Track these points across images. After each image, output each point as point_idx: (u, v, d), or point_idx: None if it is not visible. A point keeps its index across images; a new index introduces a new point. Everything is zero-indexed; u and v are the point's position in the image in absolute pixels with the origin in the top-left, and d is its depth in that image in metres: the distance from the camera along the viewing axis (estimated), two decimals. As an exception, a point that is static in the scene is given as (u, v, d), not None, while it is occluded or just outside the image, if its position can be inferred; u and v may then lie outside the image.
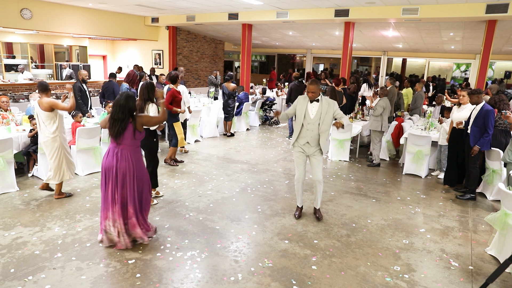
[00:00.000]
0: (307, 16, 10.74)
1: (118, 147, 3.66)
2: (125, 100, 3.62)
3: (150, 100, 4.77)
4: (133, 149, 3.72)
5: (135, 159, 3.72)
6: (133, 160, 3.70)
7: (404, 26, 11.77)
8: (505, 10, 8.37)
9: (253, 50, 20.17)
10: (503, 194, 3.69)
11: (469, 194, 5.56)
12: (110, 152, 3.69)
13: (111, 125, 3.62)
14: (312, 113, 4.38)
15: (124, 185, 3.67)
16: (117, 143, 3.65)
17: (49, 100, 4.70)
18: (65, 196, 5.04)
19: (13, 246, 3.72)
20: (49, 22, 11.14)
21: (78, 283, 3.16)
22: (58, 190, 5.00)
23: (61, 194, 5.04)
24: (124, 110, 3.60)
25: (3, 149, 5.00)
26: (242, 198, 5.26)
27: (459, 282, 3.43)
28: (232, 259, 3.65)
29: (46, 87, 4.76)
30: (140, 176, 3.77)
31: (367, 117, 8.76)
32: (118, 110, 3.60)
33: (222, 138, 9.18)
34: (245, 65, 12.95)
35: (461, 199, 5.56)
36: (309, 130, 4.39)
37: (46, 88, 4.75)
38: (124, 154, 3.65)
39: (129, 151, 3.68)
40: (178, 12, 12.48)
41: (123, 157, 3.64)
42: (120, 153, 3.65)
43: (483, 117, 5.25)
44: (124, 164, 3.64)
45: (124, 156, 3.65)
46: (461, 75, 19.45)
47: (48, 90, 4.77)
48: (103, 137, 6.35)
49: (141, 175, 3.79)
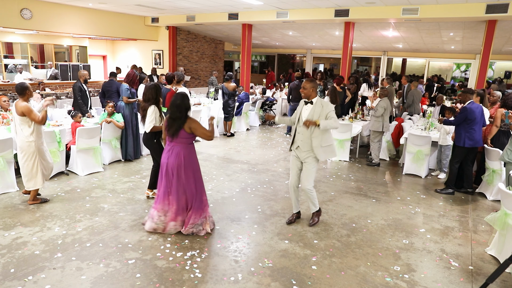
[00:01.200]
0: (307, 16, 10.75)
1: (170, 144, 3.93)
2: (182, 100, 3.82)
3: (156, 101, 4.75)
4: (185, 146, 3.92)
5: (187, 156, 3.92)
6: (186, 156, 3.90)
7: (404, 26, 11.77)
8: (505, 10, 8.37)
9: (253, 50, 20.17)
10: (503, 194, 3.69)
11: (448, 189, 5.75)
12: (165, 149, 3.99)
13: (169, 125, 3.85)
14: (304, 116, 4.18)
15: (179, 180, 3.90)
16: (170, 140, 3.92)
17: (23, 105, 4.38)
18: (40, 202, 4.77)
19: (13, 246, 3.72)
20: (49, 22, 11.14)
21: (78, 283, 3.16)
22: (33, 196, 4.74)
23: (36, 200, 4.77)
24: (181, 110, 3.82)
25: (3, 149, 5.00)
26: (242, 198, 5.26)
27: (459, 282, 3.43)
28: (232, 259, 3.65)
29: (23, 89, 4.44)
30: (193, 171, 3.98)
31: (367, 117, 8.76)
32: (175, 110, 3.81)
33: (222, 138, 9.18)
34: (245, 65, 12.95)
35: (440, 192, 5.73)
36: (300, 134, 4.19)
37: (22, 90, 4.43)
38: (175, 150, 3.88)
39: (181, 147, 3.89)
40: (178, 12, 12.48)
41: (175, 153, 3.88)
42: (172, 150, 3.90)
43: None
44: (173, 160, 3.87)
45: (176, 152, 3.88)
46: (461, 75, 19.45)
47: (25, 93, 4.44)
48: (103, 137, 6.35)
49: (194, 170, 4.00)
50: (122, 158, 6.81)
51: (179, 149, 3.88)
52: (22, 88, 4.47)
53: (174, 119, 3.83)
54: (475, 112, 5.35)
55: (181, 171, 3.90)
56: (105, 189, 5.41)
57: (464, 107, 5.41)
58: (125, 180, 5.84)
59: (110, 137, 6.50)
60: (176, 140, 3.88)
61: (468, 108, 5.35)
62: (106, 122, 6.33)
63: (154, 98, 4.74)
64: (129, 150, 6.78)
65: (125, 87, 6.54)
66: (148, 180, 5.83)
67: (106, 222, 4.35)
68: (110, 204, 4.86)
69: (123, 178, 5.93)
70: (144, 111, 4.76)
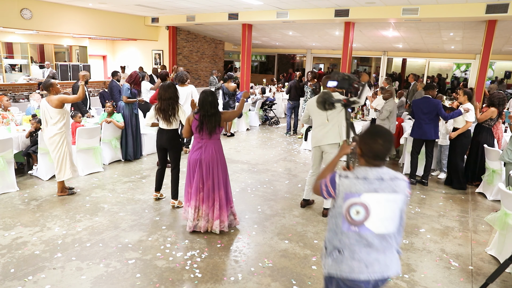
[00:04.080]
0: (307, 16, 10.74)
1: (202, 141, 3.97)
2: (212, 96, 3.90)
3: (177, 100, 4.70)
4: (215, 142, 4.01)
5: (218, 150, 4.02)
6: (217, 151, 4.00)
7: (404, 26, 11.77)
8: (505, 10, 8.37)
9: (253, 50, 20.15)
10: (503, 194, 3.69)
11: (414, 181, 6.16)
12: (195, 146, 4.01)
13: (207, 122, 3.87)
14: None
15: (212, 175, 3.97)
16: (201, 138, 3.96)
17: (58, 97, 4.78)
18: (68, 194, 5.09)
19: (13, 246, 3.72)
20: (49, 22, 11.14)
21: (78, 283, 3.16)
22: (61, 188, 5.06)
23: (64, 191, 5.09)
24: (215, 105, 3.90)
25: (3, 149, 5.00)
26: (242, 198, 5.26)
27: (459, 282, 3.43)
28: (232, 259, 3.65)
29: (48, 86, 4.84)
30: (224, 166, 4.09)
31: (367, 117, 8.76)
32: (209, 107, 3.87)
33: (222, 138, 9.14)
34: (245, 65, 12.94)
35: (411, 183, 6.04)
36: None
37: (47, 87, 4.82)
38: (210, 146, 3.95)
39: (212, 143, 3.97)
40: (178, 12, 12.48)
41: (208, 149, 3.95)
42: (206, 146, 3.95)
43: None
44: (208, 156, 3.93)
45: (209, 148, 3.95)
46: (461, 75, 19.45)
47: (50, 89, 4.82)
48: (103, 137, 6.35)
49: (224, 165, 4.11)
50: (122, 158, 6.81)
51: (213, 145, 3.97)
52: (47, 84, 4.85)
53: (210, 115, 3.87)
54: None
55: (218, 166, 3.99)
56: (105, 189, 5.41)
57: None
58: (125, 180, 5.84)
59: (110, 137, 6.50)
60: (213, 136, 3.96)
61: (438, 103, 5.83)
62: (106, 122, 6.33)
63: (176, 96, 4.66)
64: (129, 150, 6.78)
65: (126, 86, 6.53)
66: (148, 180, 5.84)
67: (106, 222, 4.35)
68: (110, 204, 4.86)
69: (123, 178, 5.93)
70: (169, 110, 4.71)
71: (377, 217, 1.95)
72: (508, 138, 6.47)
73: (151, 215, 4.59)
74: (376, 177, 1.96)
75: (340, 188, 1.99)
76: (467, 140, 5.91)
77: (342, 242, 2.01)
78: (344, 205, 1.97)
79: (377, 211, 1.94)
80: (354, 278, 1.98)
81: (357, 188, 1.95)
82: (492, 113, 5.73)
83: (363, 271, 1.97)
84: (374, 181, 1.95)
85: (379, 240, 1.97)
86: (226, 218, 4.10)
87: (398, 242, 2.09)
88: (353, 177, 1.98)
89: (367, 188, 1.94)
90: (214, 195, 4.02)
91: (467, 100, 5.82)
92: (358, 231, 1.97)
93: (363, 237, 1.97)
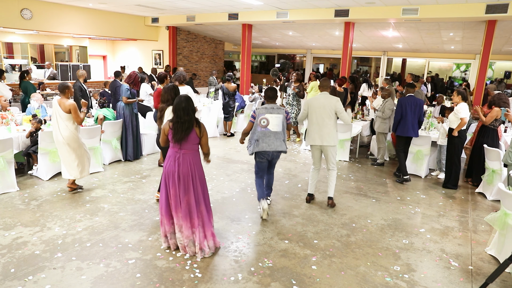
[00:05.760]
0: (307, 16, 10.75)
1: (179, 151, 3.58)
2: (187, 102, 3.54)
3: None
4: (195, 153, 3.65)
5: (198, 162, 3.66)
6: (195, 164, 3.62)
7: (404, 26, 11.77)
8: (505, 10, 8.37)
9: (253, 50, 20.15)
10: (503, 194, 3.69)
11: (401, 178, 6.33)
12: (172, 156, 3.61)
13: (177, 129, 3.51)
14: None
15: (189, 189, 3.60)
16: (179, 148, 3.57)
17: (72, 104, 4.84)
18: (76, 188, 5.25)
19: (13, 246, 3.73)
20: (49, 22, 11.14)
21: (78, 283, 3.17)
22: (72, 181, 5.21)
23: (74, 185, 5.23)
24: (188, 112, 3.52)
25: (3, 149, 5.00)
26: (242, 198, 5.27)
27: (459, 282, 3.44)
28: (232, 259, 3.65)
29: (64, 88, 4.85)
30: (202, 180, 3.71)
31: (367, 117, 8.76)
32: (183, 113, 3.50)
33: (222, 138, 9.18)
34: (245, 65, 12.95)
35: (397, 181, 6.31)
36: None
37: (63, 89, 4.85)
38: (187, 158, 3.58)
39: (191, 154, 3.60)
40: (178, 12, 12.48)
41: (187, 160, 3.57)
42: (182, 157, 3.57)
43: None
44: (186, 169, 3.57)
45: (188, 160, 3.58)
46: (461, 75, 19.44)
47: (66, 91, 4.86)
48: (103, 137, 6.36)
49: (203, 178, 3.73)
50: (122, 158, 6.82)
51: (190, 157, 3.60)
52: (63, 87, 4.88)
53: (182, 122, 3.50)
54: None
55: (194, 180, 3.62)
56: (105, 189, 5.41)
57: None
58: (125, 180, 5.84)
59: (110, 137, 6.50)
60: (185, 146, 3.56)
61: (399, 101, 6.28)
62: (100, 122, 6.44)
63: (173, 99, 4.56)
64: (129, 150, 6.78)
65: (125, 87, 6.53)
66: (148, 180, 5.85)
67: (106, 222, 4.35)
68: (110, 204, 4.86)
69: (123, 178, 5.93)
70: (162, 111, 4.53)
71: (272, 124, 4.44)
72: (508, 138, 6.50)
73: (151, 215, 4.59)
74: (271, 107, 4.50)
75: (257, 112, 4.51)
76: (459, 140, 5.84)
77: (257, 136, 4.46)
78: (257, 119, 4.47)
79: (272, 121, 4.43)
80: (264, 150, 4.45)
81: (263, 111, 4.48)
82: (497, 113, 5.71)
83: (267, 148, 4.44)
84: (270, 108, 4.48)
85: (273, 134, 4.46)
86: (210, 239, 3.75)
87: (284, 136, 4.55)
88: (262, 108, 4.50)
89: (267, 111, 4.47)
90: (193, 212, 3.63)
91: (461, 100, 5.78)
92: (264, 130, 4.44)
93: (267, 133, 4.45)
